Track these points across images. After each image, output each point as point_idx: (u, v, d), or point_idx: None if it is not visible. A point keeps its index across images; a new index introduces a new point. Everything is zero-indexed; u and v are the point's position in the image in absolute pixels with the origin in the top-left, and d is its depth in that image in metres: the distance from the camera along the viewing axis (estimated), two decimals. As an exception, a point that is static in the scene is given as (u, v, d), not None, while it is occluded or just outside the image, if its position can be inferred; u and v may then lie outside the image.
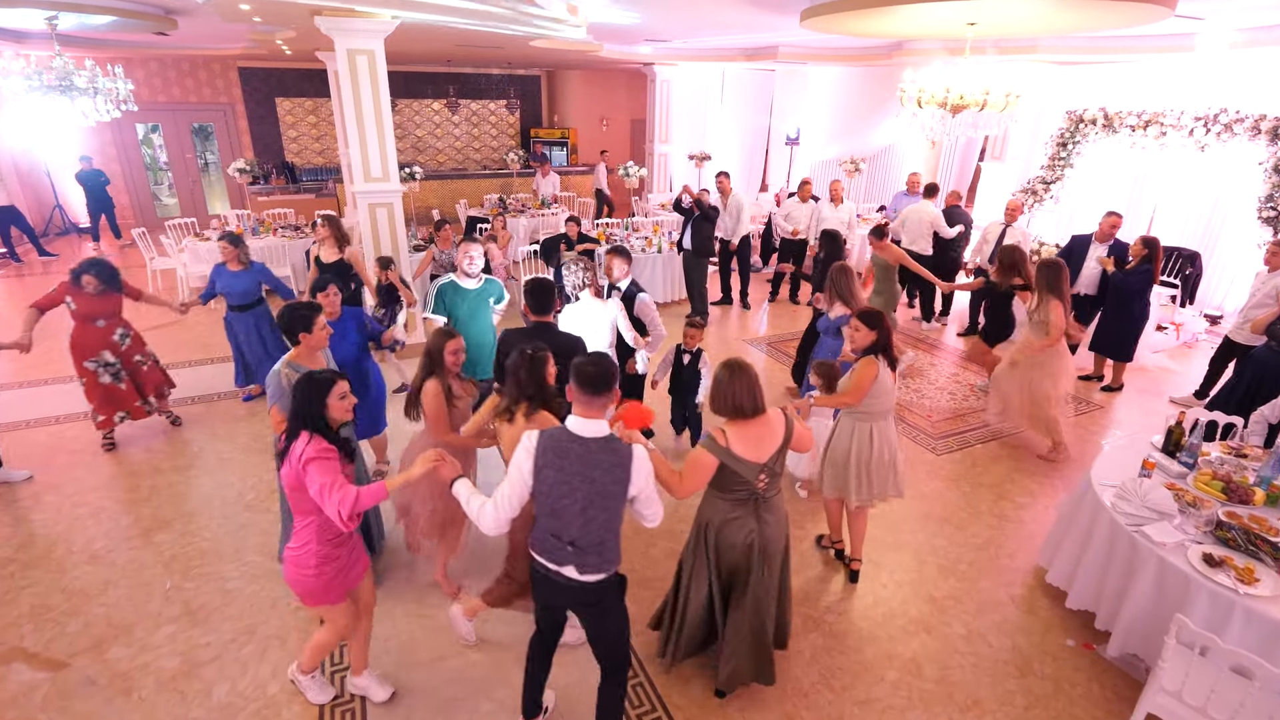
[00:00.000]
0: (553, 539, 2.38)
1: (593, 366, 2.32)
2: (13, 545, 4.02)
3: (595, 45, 9.52)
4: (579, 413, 2.34)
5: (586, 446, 2.30)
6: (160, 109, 12.69)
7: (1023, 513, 4.52)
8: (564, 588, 2.44)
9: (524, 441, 2.35)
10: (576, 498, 2.30)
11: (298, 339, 3.22)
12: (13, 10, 6.58)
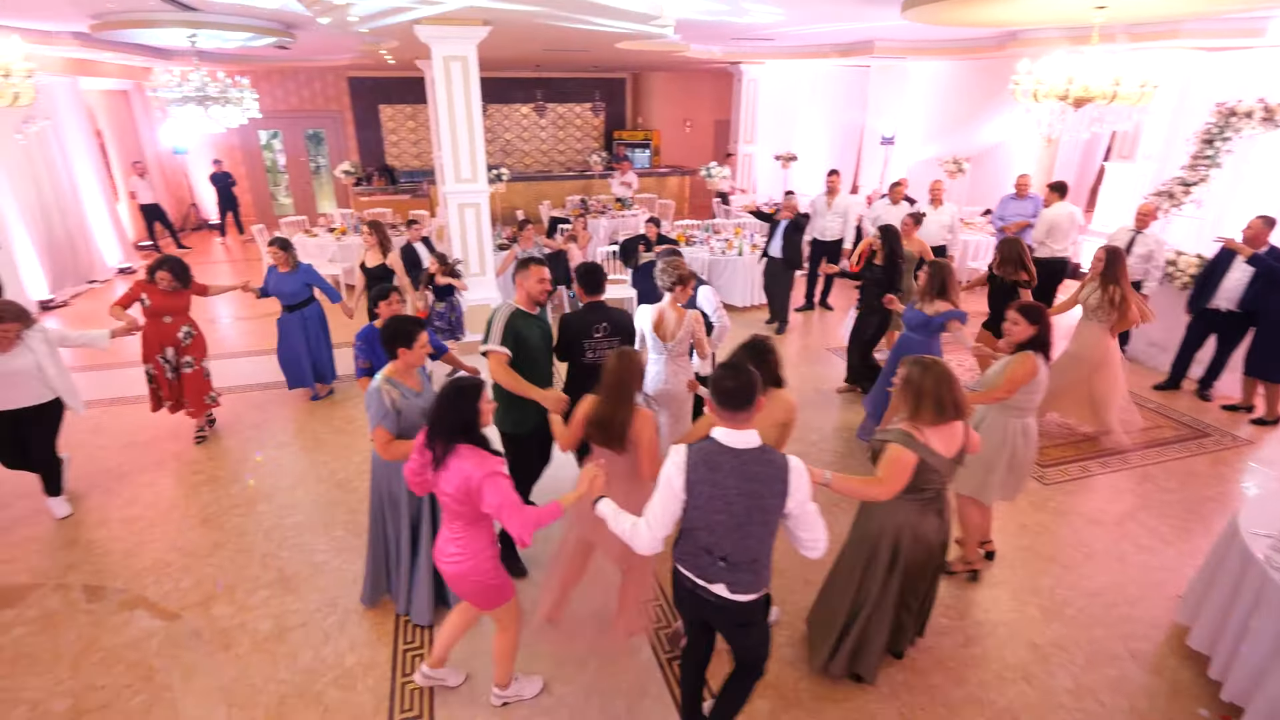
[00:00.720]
0: (705, 554, 2.30)
1: (730, 381, 2.21)
2: (140, 505, 4.49)
3: (682, 45, 9.54)
4: (725, 425, 2.24)
5: (740, 458, 2.20)
6: (280, 117, 13.76)
7: (1148, 557, 3.99)
8: (712, 605, 2.37)
9: (673, 455, 2.27)
10: (733, 511, 2.21)
11: (397, 353, 3.07)
12: (163, 30, 7.30)
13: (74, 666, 3.22)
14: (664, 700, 3.06)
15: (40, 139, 8.85)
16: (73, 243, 9.56)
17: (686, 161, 15.16)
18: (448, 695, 3.06)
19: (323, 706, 3.01)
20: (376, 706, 3.01)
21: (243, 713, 2.97)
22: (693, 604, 2.46)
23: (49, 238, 9.04)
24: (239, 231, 13.04)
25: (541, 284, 3.58)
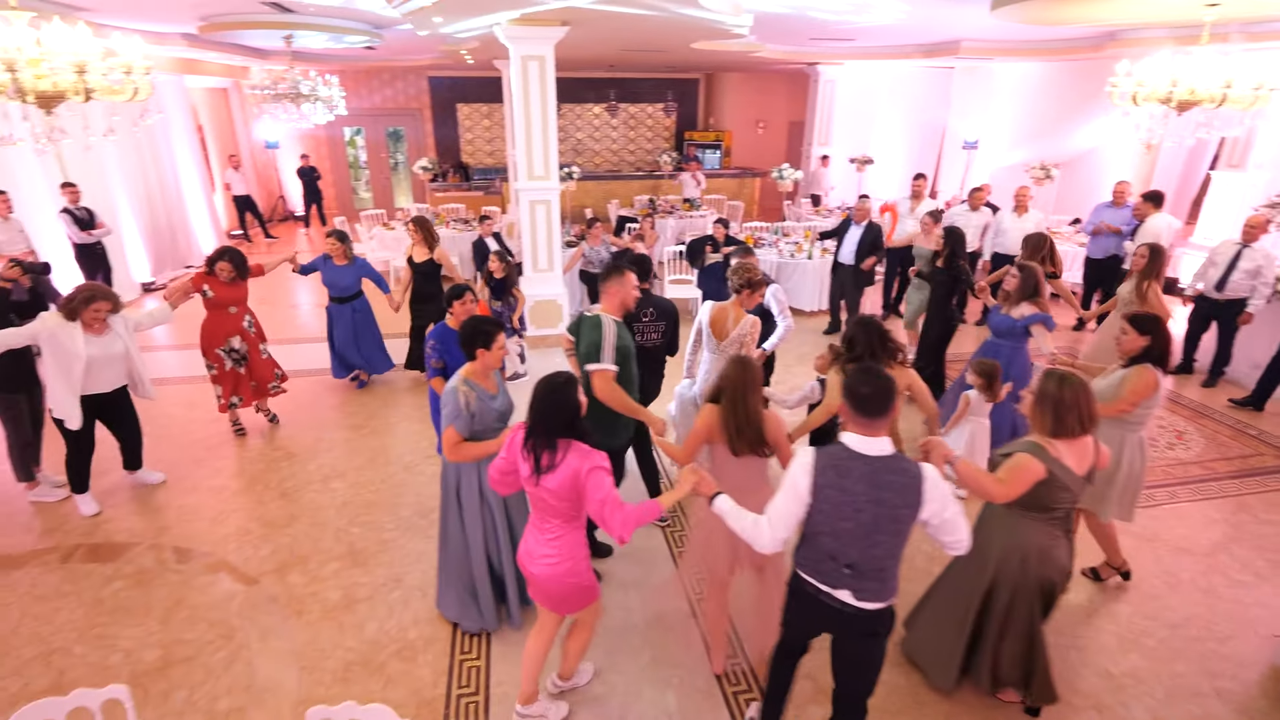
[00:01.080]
0: (829, 561, 2.25)
1: (866, 387, 2.15)
2: (225, 475, 4.78)
3: (758, 45, 9.46)
4: (856, 430, 2.19)
5: (871, 465, 2.14)
6: (363, 114, 14.38)
7: (1241, 591, 3.72)
8: (835, 612, 2.30)
9: (800, 457, 2.24)
10: (860, 520, 2.15)
11: (475, 354, 2.99)
12: (262, 31, 7.74)
13: (163, 621, 3.45)
14: (714, 695, 3.05)
15: (148, 133, 9.52)
16: (173, 230, 10.26)
17: (757, 163, 15.01)
18: (502, 675, 3.13)
19: (385, 676, 3.12)
20: (435, 680, 3.11)
21: (311, 675, 3.12)
22: (812, 609, 2.37)
23: (153, 224, 9.73)
24: (321, 223, 13.69)
25: (635, 291, 3.55)
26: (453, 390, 2.96)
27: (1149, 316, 3.31)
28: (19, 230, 6.45)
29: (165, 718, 2.91)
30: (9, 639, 3.33)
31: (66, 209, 7.30)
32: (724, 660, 3.15)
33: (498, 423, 3.07)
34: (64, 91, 3.51)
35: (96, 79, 3.55)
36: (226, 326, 5.08)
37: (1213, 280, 6.06)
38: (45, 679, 3.10)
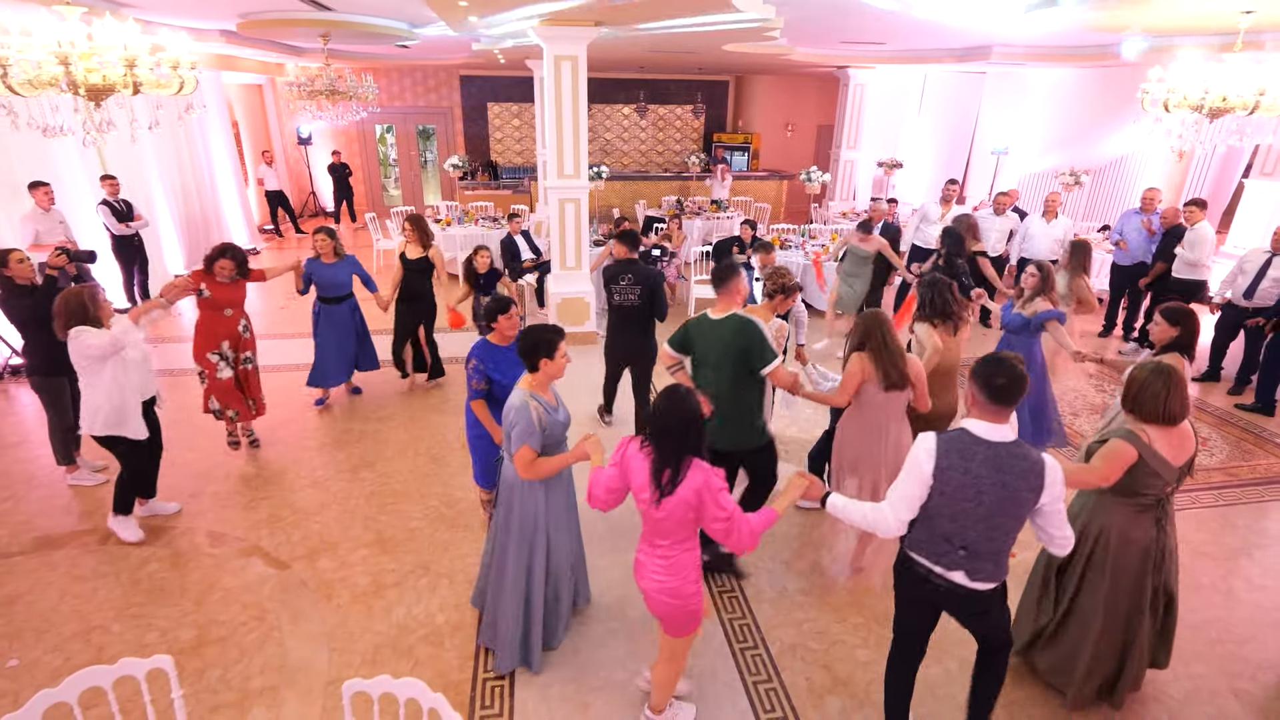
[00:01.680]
0: (944, 542, 2.33)
1: (1002, 378, 2.22)
2: (256, 464, 4.88)
3: (788, 48, 9.44)
4: (982, 417, 2.26)
5: (995, 450, 2.22)
6: (395, 112, 14.58)
7: (1261, 596, 3.74)
8: (947, 593, 2.40)
9: (923, 441, 2.31)
10: (983, 502, 2.22)
11: (537, 365, 2.82)
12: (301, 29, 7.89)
13: (198, 602, 3.54)
14: (735, 686, 3.07)
15: (185, 128, 9.76)
16: (207, 223, 10.49)
17: (786, 166, 14.98)
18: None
19: (413, 659, 3.18)
20: (462, 665, 3.15)
21: (341, 657, 3.18)
22: (923, 590, 2.45)
23: (187, 217, 9.97)
24: (351, 219, 13.90)
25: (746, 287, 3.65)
26: (523, 407, 2.76)
27: (1180, 309, 3.34)
28: (59, 221, 6.64)
29: (200, 694, 2.98)
30: (50, 616, 3.44)
31: (106, 201, 7.50)
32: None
33: (563, 435, 2.99)
34: (114, 85, 3.61)
35: (145, 73, 3.66)
36: (220, 330, 4.70)
37: (1241, 288, 6.02)
38: (85, 655, 3.20)
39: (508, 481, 2.95)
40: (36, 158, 6.97)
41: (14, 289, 4.29)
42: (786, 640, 3.34)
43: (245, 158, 12.61)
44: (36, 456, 4.91)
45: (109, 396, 3.72)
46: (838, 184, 12.82)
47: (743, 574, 3.79)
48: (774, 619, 3.48)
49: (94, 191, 7.68)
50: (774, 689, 3.07)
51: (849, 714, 2.96)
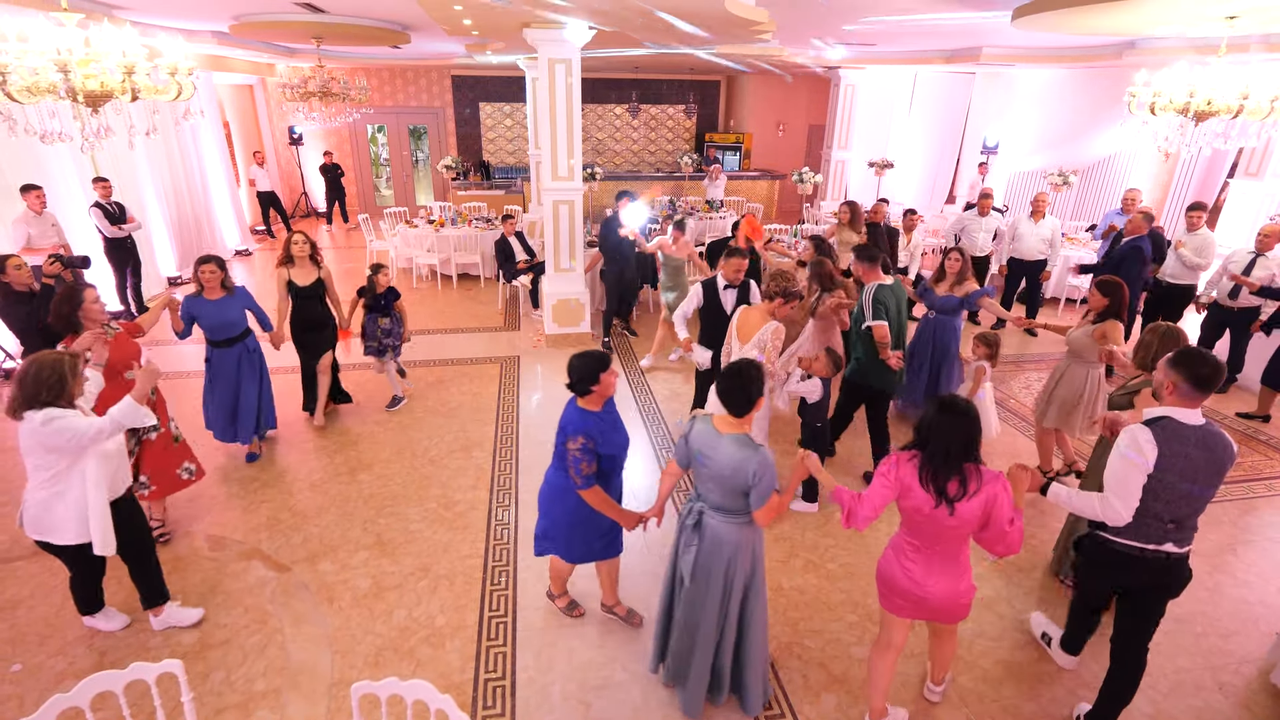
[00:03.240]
0: (1154, 521, 2.56)
1: (1206, 368, 2.44)
2: (255, 468, 4.89)
3: (778, 49, 9.50)
4: (1181, 404, 2.51)
5: (1200, 432, 2.49)
6: (387, 112, 14.55)
7: (1245, 591, 3.84)
8: (1156, 564, 2.65)
9: (1137, 434, 2.51)
10: (1197, 479, 2.50)
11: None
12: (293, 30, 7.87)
13: (200, 605, 3.55)
14: (737, 693, 3.11)
15: (177, 129, 9.73)
16: (199, 225, 10.46)
17: (777, 166, 15.04)
18: (527, 661, 3.21)
19: (415, 661, 3.22)
20: (463, 666, 3.20)
21: (344, 659, 3.22)
22: (1127, 569, 2.70)
23: (179, 219, 9.93)
24: (344, 220, 13.86)
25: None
26: (768, 463, 2.52)
27: (1110, 280, 4.21)
28: (51, 224, 6.62)
29: (204, 697, 3.02)
30: (52, 621, 3.46)
31: (98, 203, 7.47)
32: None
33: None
34: (112, 91, 3.63)
35: (143, 79, 3.67)
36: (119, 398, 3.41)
37: (1226, 289, 6.12)
38: (88, 659, 3.22)
39: (724, 541, 2.66)
40: (29, 161, 6.94)
41: (11, 295, 4.29)
42: (783, 639, 3.41)
43: (237, 158, 12.56)
44: (33, 461, 4.90)
45: (78, 500, 2.91)
46: (829, 184, 12.90)
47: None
48: (770, 617, 3.52)
49: (86, 194, 7.65)
50: (771, 686, 3.13)
51: (845, 709, 3.02)
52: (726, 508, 2.63)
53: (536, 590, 3.70)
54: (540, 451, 5.13)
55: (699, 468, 2.67)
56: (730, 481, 2.54)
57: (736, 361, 2.65)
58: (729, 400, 2.58)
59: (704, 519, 2.69)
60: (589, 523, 3.06)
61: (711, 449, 2.59)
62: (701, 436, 2.65)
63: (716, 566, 2.68)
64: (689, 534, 2.73)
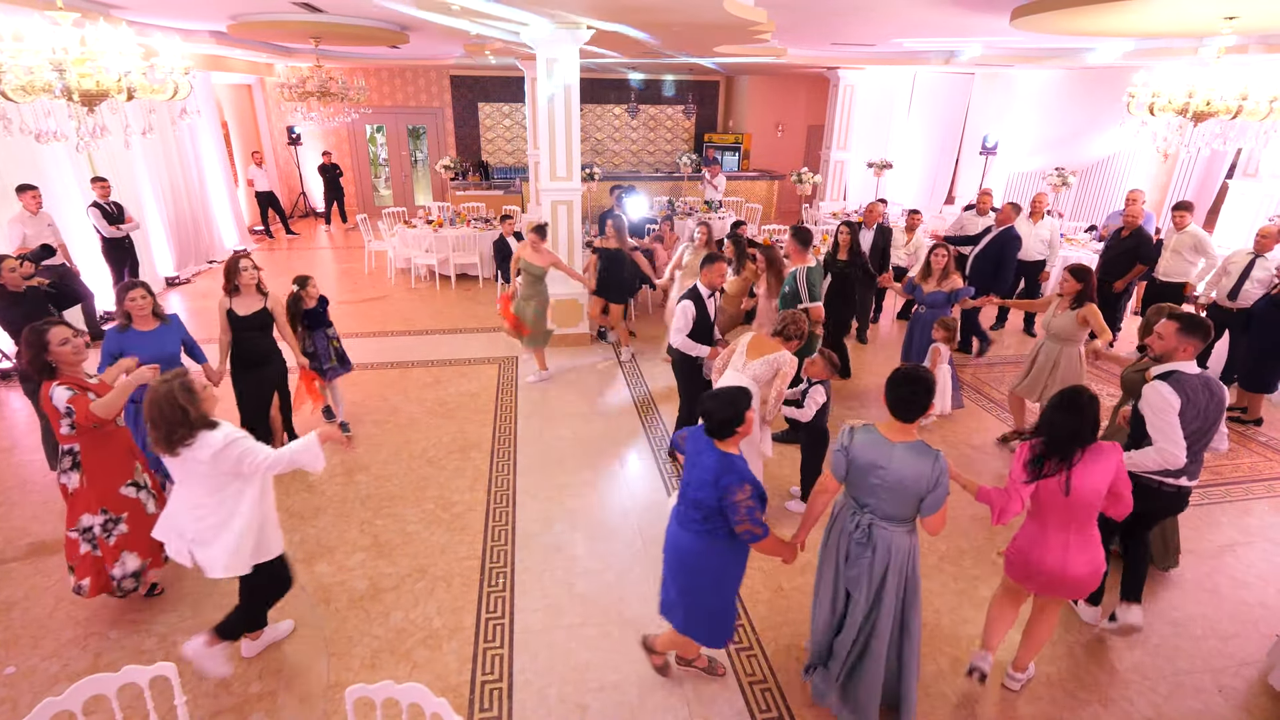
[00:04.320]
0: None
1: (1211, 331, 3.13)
2: (252, 469, 4.87)
3: (779, 49, 9.49)
4: (1184, 358, 3.07)
5: (1202, 378, 3.06)
6: (385, 112, 14.54)
7: (1245, 593, 3.82)
8: (1166, 494, 3.19)
9: (1158, 389, 3.01)
10: (1207, 418, 3.04)
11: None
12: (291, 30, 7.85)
13: (194, 607, 3.54)
14: (731, 686, 3.11)
15: (175, 128, 9.70)
16: (197, 225, 10.44)
17: (776, 166, 15.03)
18: (524, 663, 3.20)
19: (411, 663, 3.20)
20: (460, 668, 3.18)
21: (340, 661, 3.20)
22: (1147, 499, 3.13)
23: (177, 219, 9.91)
24: (342, 220, 13.85)
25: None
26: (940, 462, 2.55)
27: (1081, 267, 4.78)
28: (48, 224, 6.59)
29: (199, 700, 3.00)
30: (46, 622, 3.44)
31: (96, 203, 7.46)
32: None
33: None
34: (108, 90, 3.61)
35: (138, 78, 3.66)
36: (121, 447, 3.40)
37: (1225, 289, 6.09)
38: (82, 661, 3.20)
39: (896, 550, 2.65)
40: (25, 161, 6.92)
41: (7, 296, 4.27)
42: (781, 641, 3.39)
43: (235, 158, 12.54)
44: (29, 461, 4.89)
45: (253, 519, 2.82)
46: (828, 184, 12.90)
47: None
48: (769, 619, 3.54)
49: (84, 194, 7.63)
50: (769, 689, 3.12)
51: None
52: (897, 516, 2.61)
53: (534, 592, 3.69)
54: (538, 452, 5.12)
55: (866, 479, 2.62)
56: (907, 490, 2.54)
57: (910, 369, 2.62)
58: (904, 408, 2.56)
59: (874, 530, 2.65)
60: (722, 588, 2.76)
61: (885, 458, 2.56)
62: (871, 447, 2.60)
63: (891, 578, 2.65)
64: (858, 548, 2.69)
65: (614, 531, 4.23)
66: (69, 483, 3.30)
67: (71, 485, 3.30)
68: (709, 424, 2.59)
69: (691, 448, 2.70)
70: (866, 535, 2.66)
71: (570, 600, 3.64)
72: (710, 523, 2.58)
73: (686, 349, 4.59)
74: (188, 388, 2.63)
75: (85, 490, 3.27)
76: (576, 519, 4.35)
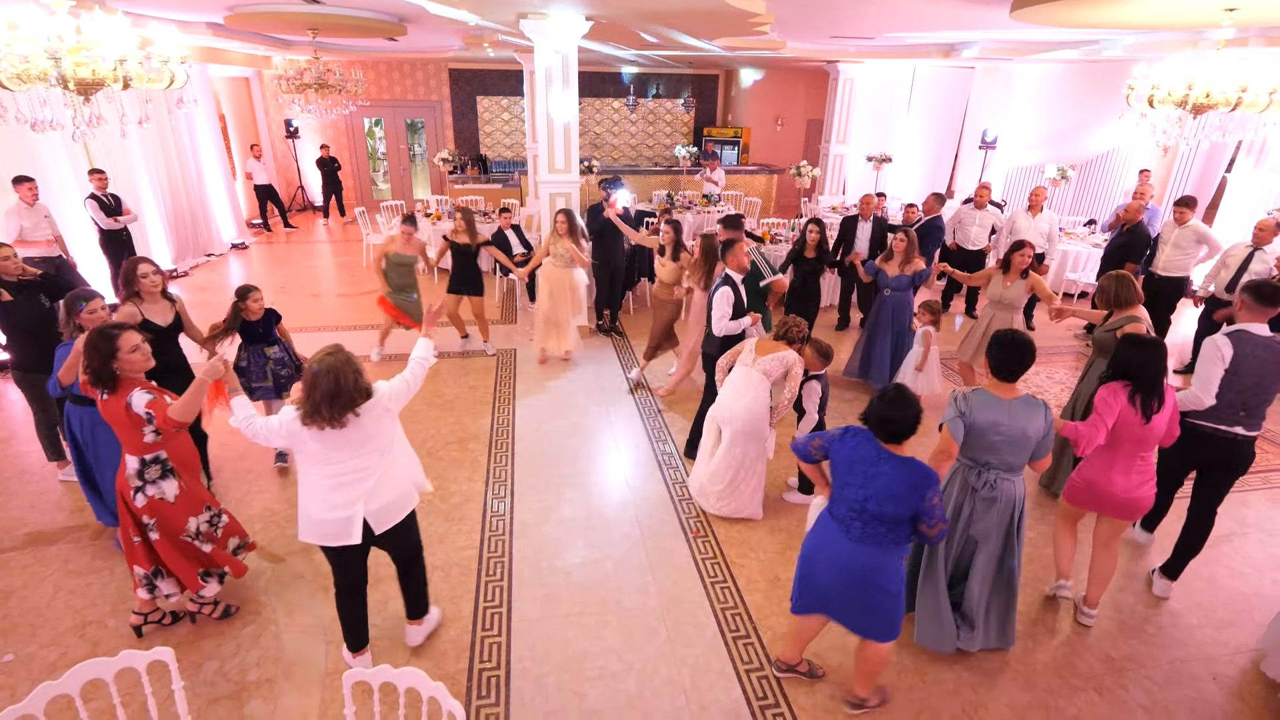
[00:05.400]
0: (1229, 409, 3.39)
1: (1269, 289, 3.35)
2: (250, 459, 4.87)
3: (778, 42, 9.46)
4: (1249, 319, 3.37)
5: (1266, 340, 3.34)
6: (384, 105, 14.49)
7: (1240, 583, 3.86)
8: (1221, 442, 3.46)
9: (1218, 341, 3.36)
10: (1265, 372, 3.32)
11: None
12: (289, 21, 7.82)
13: (193, 595, 3.54)
14: (728, 674, 3.14)
15: (173, 121, 9.67)
16: (195, 218, 10.41)
17: (775, 160, 15.01)
18: (522, 651, 3.20)
19: (409, 651, 3.21)
20: (458, 656, 3.19)
21: (338, 649, 3.20)
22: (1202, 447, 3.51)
23: (175, 212, 9.88)
24: (340, 214, 13.81)
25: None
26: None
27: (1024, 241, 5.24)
28: (44, 216, 6.56)
29: (197, 687, 3.00)
30: (44, 611, 3.44)
31: (93, 195, 7.43)
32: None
33: None
34: (103, 79, 3.60)
35: (134, 67, 3.64)
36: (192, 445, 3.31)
37: (1224, 282, 6.10)
38: (81, 649, 3.21)
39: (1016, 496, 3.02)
40: (20, 152, 6.90)
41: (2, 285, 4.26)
42: (778, 629, 3.40)
43: (233, 151, 12.50)
44: (27, 452, 4.89)
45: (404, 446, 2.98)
46: (827, 178, 12.88)
47: None
48: (766, 608, 3.55)
49: (81, 186, 7.61)
50: (766, 677, 3.13)
51: (839, 700, 3.02)
52: (1016, 465, 2.96)
53: (532, 581, 3.69)
54: (536, 442, 5.12)
55: (986, 437, 2.88)
56: (1029, 439, 2.86)
57: (1010, 333, 2.95)
58: (1008, 370, 2.87)
59: (999, 483, 2.97)
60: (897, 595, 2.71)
61: (1004, 415, 2.86)
62: (988, 408, 2.87)
63: (1016, 520, 3.04)
64: (984, 503, 3.01)
65: (612, 522, 4.23)
66: (162, 494, 3.08)
67: (169, 494, 3.10)
68: (887, 430, 2.50)
69: (857, 457, 2.56)
70: (993, 489, 2.96)
71: (568, 589, 3.65)
72: (896, 533, 2.54)
73: (733, 330, 4.59)
74: (351, 357, 2.65)
75: (186, 494, 3.16)
76: (574, 509, 4.36)
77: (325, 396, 2.54)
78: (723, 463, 4.13)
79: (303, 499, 2.78)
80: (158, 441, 3.03)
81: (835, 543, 2.64)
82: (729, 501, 4.20)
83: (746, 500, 4.20)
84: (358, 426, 2.64)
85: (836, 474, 2.65)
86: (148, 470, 3.04)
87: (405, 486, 2.92)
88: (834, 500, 2.67)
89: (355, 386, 2.59)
